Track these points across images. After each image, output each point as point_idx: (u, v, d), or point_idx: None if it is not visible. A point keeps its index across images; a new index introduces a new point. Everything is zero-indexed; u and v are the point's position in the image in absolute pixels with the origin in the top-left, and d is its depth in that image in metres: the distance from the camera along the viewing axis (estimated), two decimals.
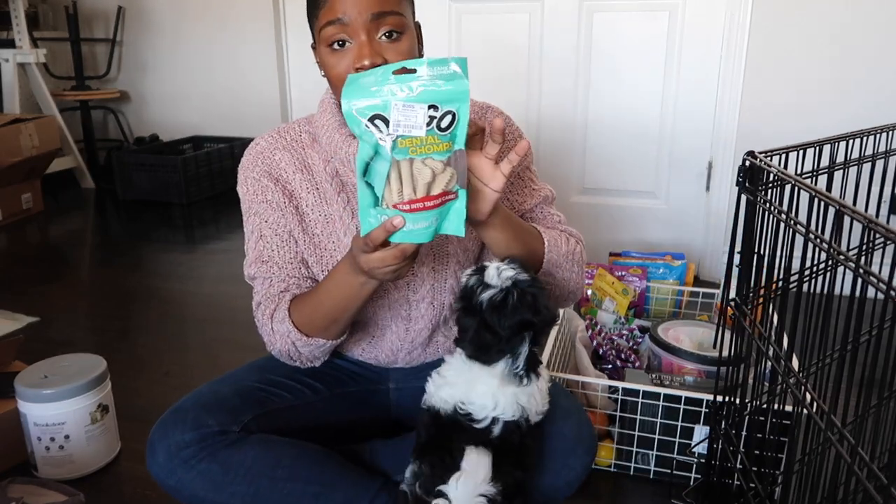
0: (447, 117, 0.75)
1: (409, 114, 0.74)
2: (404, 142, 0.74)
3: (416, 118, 0.74)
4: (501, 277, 0.86)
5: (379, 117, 0.74)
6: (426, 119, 0.74)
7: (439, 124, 0.75)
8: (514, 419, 0.88)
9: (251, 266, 1.06)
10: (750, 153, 0.94)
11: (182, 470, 0.95)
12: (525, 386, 0.88)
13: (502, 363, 0.87)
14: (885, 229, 0.63)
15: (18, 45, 3.34)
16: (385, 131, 0.74)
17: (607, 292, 1.73)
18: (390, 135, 0.74)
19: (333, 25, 0.91)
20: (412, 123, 0.74)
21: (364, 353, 1.15)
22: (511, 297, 0.85)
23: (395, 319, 1.10)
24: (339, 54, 0.93)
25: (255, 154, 1.06)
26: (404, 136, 0.74)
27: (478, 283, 0.87)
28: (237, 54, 3.40)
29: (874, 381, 0.78)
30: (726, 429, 1.07)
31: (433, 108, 0.74)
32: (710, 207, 2.35)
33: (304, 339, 1.00)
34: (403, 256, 0.82)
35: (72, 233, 3.05)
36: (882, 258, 0.89)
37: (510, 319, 0.85)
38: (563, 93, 2.41)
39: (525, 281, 0.87)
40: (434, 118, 0.74)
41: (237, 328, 1.99)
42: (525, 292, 0.86)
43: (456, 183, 0.78)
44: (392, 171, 0.75)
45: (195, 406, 0.99)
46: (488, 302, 0.86)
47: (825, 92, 2.13)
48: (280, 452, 0.99)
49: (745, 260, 0.98)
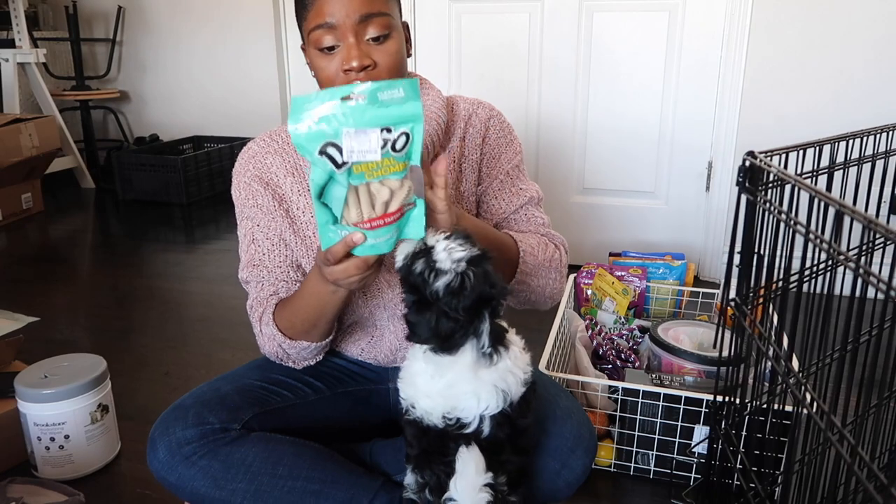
0: (402, 138, 0.74)
1: (362, 139, 0.72)
2: (360, 167, 0.73)
3: (370, 143, 0.72)
4: (453, 259, 0.80)
5: (331, 145, 0.72)
6: (380, 143, 0.72)
7: (394, 146, 0.74)
8: (500, 409, 0.84)
9: (244, 270, 1.08)
10: (750, 153, 0.94)
11: (183, 467, 0.95)
12: (497, 364, 0.83)
13: (468, 347, 0.82)
14: (885, 229, 0.63)
15: (18, 45, 3.34)
16: (339, 159, 0.72)
17: (607, 292, 1.73)
18: (345, 163, 0.73)
19: (322, 29, 0.93)
20: (366, 149, 0.72)
21: (364, 354, 1.15)
22: (467, 278, 0.79)
23: (393, 319, 1.10)
24: (329, 57, 0.94)
25: (247, 158, 1.07)
26: (359, 162, 0.73)
27: (428, 269, 0.80)
28: (237, 54, 3.40)
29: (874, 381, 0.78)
30: (726, 429, 1.07)
31: (386, 131, 0.73)
32: (710, 207, 2.35)
33: (288, 341, 1.01)
34: (366, 266, 0.82)
35: (72, 233, 3.05)
36: (882, 258, 0.89)
37: (468, 300, 0.79)
38: (563, 93, 2.41)
39: (476, 257, 0.81)
40: (388, 140, 0.73)
41: (237, 328, 1.99)
42: (479, 269, 0.80)
43: (411, 194, 0.78)
44: (350, 194, 0.75)
45: (196, 403, 1.00)
46: (445, 289, 0.79)
47: (825, 92, 2.13)
48: (281, 450, 0.99)
49: (745, 260, 0.98)
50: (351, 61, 0.92)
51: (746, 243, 0.96)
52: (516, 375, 0.86)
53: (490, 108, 1.14)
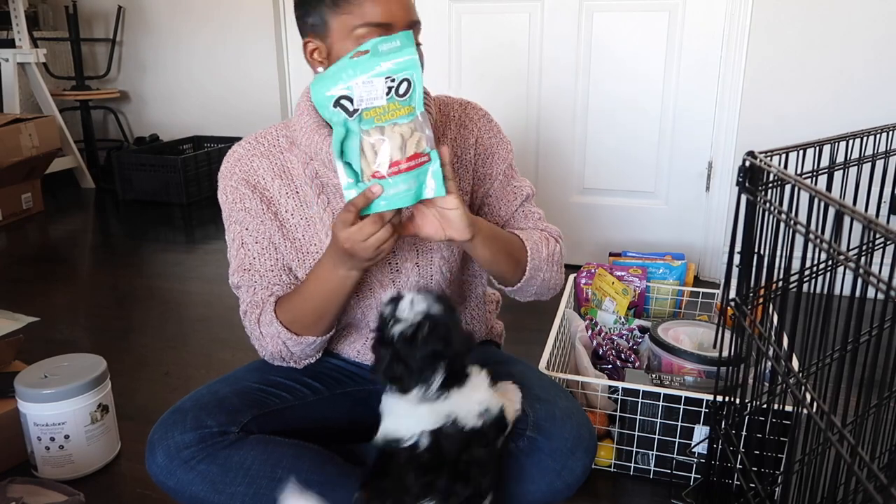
0: (403, 84, 0.82)
1: (369, 88, 0.81)
2: (369, 113, 0.82)
3: (376, 90, 0.81)
4: (413, 310, 0.86)
5: (344, 97, 0.81)
6: (385, 89, 0.82)
7: (398, 91, 0.82)
8: (440, 427, 0.87)
9: (235, 275, 1.08)
10: (750, 153, 0.94)
11: (182, 471, 0.95)
12: (445, 399, 0.87)
13: (416, 391, 0.87)
14: (885, 229, 0.63)
15: (18, 45, 3.34)
16: (350, 107, 0.82)
17: (607, 292, 1.73)
18: (356, 110, 0.82)
19: (376, 27, 0.91)
20: (373, 96, 0.82)
21: (360, 356, 1.16)
22: (421, 330, 0.85)
23: None
24: None
25: (233, 161, 1.06)
26: (368, 108, 0.82)
27: (391, 315, 0.87)
28: (237, 54, 3.40)
29: (874, 381, 0.78)
30: (726, 429, 1.07)
31: (389, 80, 0.82)
32: (710, 207, 2.35)
33: (294, 337, 1.02)
34: (382, 222, 0.85)
35: (72, 233, 3.05)
36: (882, 258, 0.89)
37: (421, 351, 0.85)
38: (562, 93, 2.41)
39: (437, 315, 0.87)
40: (392, 87, 0.82)
41: (237, 328, 1.98)
42: (437, 325, 0.86)
43: (426, 145, 0.84)
44: (364, 142, 0.82)
45: (194, 407, 0.99)
46: (399, 335, 0.86)
47: (825, 92, 2.13)
48: (280, 453, 0.99)
49: (745, 260, 0.98)
50: None
51: (746, 243, 0.96)
52: (469, 404, 0.89)
53: (478, 108, 1.14)
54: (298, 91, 3.12)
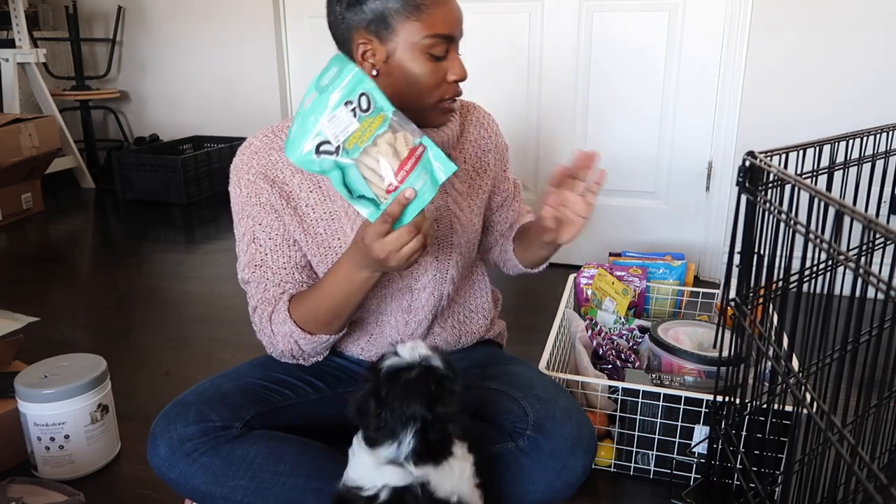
0: (363, 99, 0.84)
1: (337, 122, 0.84)
2: (350, 141, 0.84)
3: (344, 119, 0.83)
4: (414, 353, 0.83)
5: (321, 144, 0.84)
6: (350, 114, 0.83)
7: (361, 108, 0.84)
8: (406, 485, 0.80)
9: (244, 270, 1.06)
10: (750, 153, 0.94)
11: (184, 463, 0.95)
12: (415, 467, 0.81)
13: (384, 448, 0.81)
14: (885, 229, 0.63)
15: (18, 45, 3.34)
16: (331, 147, 0.84)
17: (607, 292, 1.73)
18: (338, 146, 0.84)
19: (444, 39, 0.96)
20: (344, 126, 0.83)
21: (363, 353, 1.16)
22: (409, 373, 0.80)
23: (396, 312, 1.11)
24: (436, 65, 0.97)
25: (250, 154, 1.05)
26: (347, 138, 0.83)
27: (391, 352, 0.85)
28: (237, 54, 3.40)
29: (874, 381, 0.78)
30: (726, 429, 1.07)
31: (349, 104, 0.83)
32: (710, 207, 2.35)
33: (307, 336, 1.01)
34: (417, 231, 0.85)
35: (72, 233, 3.05)
36: (882, 258, 0.89)
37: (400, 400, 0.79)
38: (562, 92, 2.41)
39: (437, 370, 0.82)
40: (354, 108, 0.84)
41: (237, 328, 1.99)
42: (430, 377, 0.81)
43: (414, 137, 0.85)
44: (361, 169, 0.84)
45: (198, 400, 1.00)
46: (387, 370, 0.82)
47: (825, 92, 2.13)
48: (283, 448, 0.99)
49: (745, 260, 0.98)
50: (463, 74, 0.99)
51: (746, 243, 0.96)
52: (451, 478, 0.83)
53: (485, 110, 1.19)
54: (298, 91, 3.13)
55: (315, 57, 3.05)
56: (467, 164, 1.13)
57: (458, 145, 1.12)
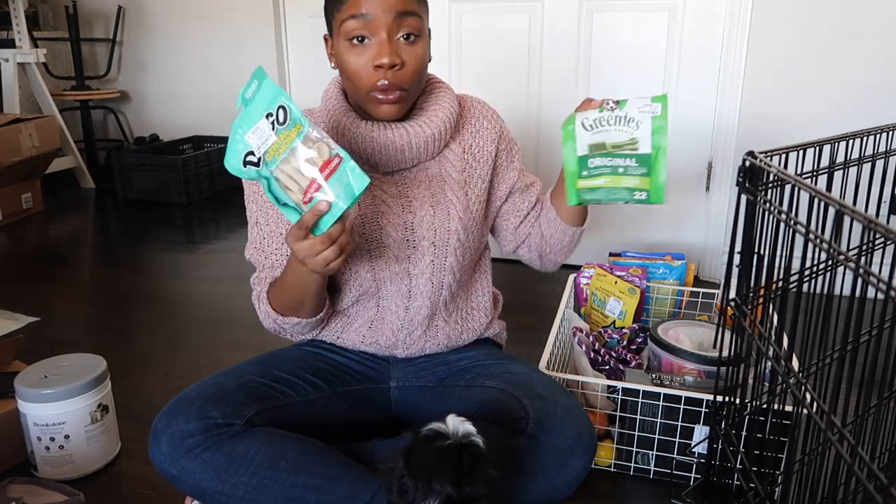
0: (280, 112, 0.87)
1: (259, 134, 0.88)
2: (269, 154, 0.87)
3: (265, 132, 0.88)
4: (456, 424, 0.79)
5: (248, 154, 0.89)
6: (270, 127, 0.87)
7: (279, 121, 0.87)
8: None
9: (248, 249, 1.14)
10: (750, 153, 0.94)
11: (185, 459, 0.96)
12: None
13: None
14: (885, 229, 0.63)
15: (18, 45, 3.34)
16: (254, 159, 0.89)
17: (611, 292, 1.72)
18: (259, 158, 0.88)
19: (356, 20, 0.94)
20: (264, 138, 0.88)
21: (365, 341, 1.16)
22: (443, 442, 0.76)
23: (395, 297, 1.12)
24: (359, 49, 0.97)
25: None
26: (266, 150, 0.88)
27: (440, 421, 0.81)
28: (237, 54, 3.40)
29: (874, 381, 0.78)
30: (726, 429, 1.07)
31: (269, 116, 0.87)
32: (710, 207, 2.35)
33: (281, 318, 1.07)
34: (330, 241, 0.88)
35: (72, 233, 3.05)
36: (882, 258, 0.89)
37: (428, 469, 0.74)
38: (562, 92, 2.41)
39: (476, 446, 0.77)
40: (273, 121, 0.87)
41: (237, 328, 1.99)
42: (465, 453, 0.76)
43: (330, 148, 0.86)
44: (282, 179, 0.87)
45: (200, 397, 1.00)
46: (425, 433, 0.78)
47: (825, 92, 2.13)
48: (284, 445, 1.00)
49: (745, 260, 0.98)
50: (382, 58, 0.95)
51: (746, 243, 0.96)
52: None
53: (483, 104, 1.20)
54: (298, 91, 3.13)
55: (315, 57, 3.05)
56: (466, 153, 1.14)
57: (458, 135, 1.14)
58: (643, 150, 0.96)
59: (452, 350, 1.20)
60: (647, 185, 0.97)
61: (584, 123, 1.00)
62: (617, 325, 1.68)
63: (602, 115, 0.99)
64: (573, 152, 1.00)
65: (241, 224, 3.21)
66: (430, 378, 1.18)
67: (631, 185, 0.98)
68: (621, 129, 0.98)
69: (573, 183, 1.00)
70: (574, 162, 1.00)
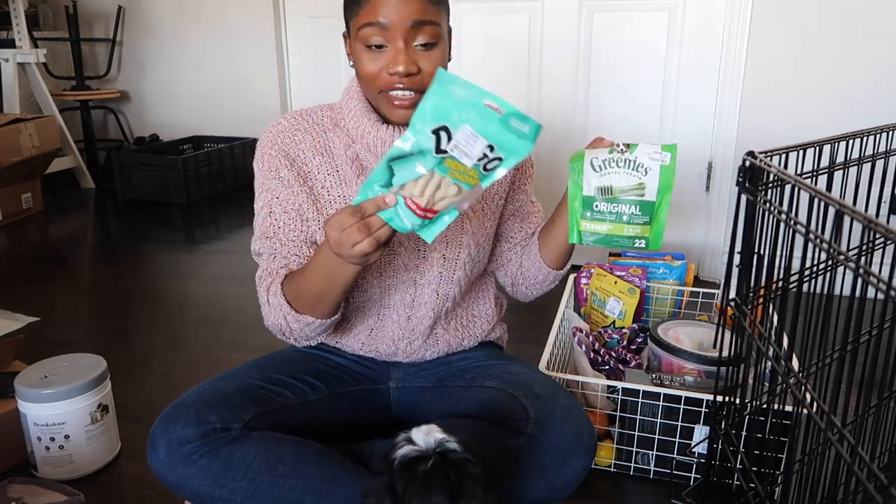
0: (494, 162, 0.79)
1: (470, 142, 0.77)
2: (451, 162, 0.78)
3: (474, 150, 0.77)
4: (428, 438, 0.75)
5: (445, 129, 0.77)
6: (480, 154, 0.78)
7: (486, 165, 0.79)
8: None
9: (257, 242, 1.09)
10: (750, 153, 0.94)
11: (183, 465, 0.95)
12: None
13: None
14: (885, 229, 0.63)
15: (18, 45, 3.34)
16: (444, 145, 0.77)
17: (610, 292, 1.72)
18: (446, 151, 0.77)
19: (373, 27, 0.94)
20: (467, 152, 0.78)
21: (364, 347, 1.16)
22: (425, 465, 0.72)
23: (399, 306, 1.11)
24: (374, 55, 0.97)
25: (276, 132, 1.08)
26: (455, 159, 0.78)
27: (404, 439, 0.76)
28: (237, 54, 3.40)
29: (874, 381, 0.78)
30: (726, 429, 1.07)
31: (489, 148, 0.77)
32: (710, 207, 2.35)
33: (293, 314, 1.01)
34: (368, 232, 0.81)
35: (72, 233, 3.05)
36: (882, 258, 0.89)
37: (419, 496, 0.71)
38: (562, 92, 2.41)
39: (454, 452, 0.73)
40: (486, 157, 0.78)
41: (237, 328, 1.99)
42: (448, 464, 0.72)
43: (457, 209, 0.82)
44: (424, 177, 0.79)
45: (197, 402, 1.00)
46: (401, 460, 0.73)
47: (825, 92, 2.13)
48: (282, 449, 0.99)
49: (745, 260, 0.98)
50: (398, 66, 0.95)
51: (746, 243, 0.96)
52: None
53: None
54: (298, 91, 3.13)
55: (315, 57, 3.06)
56: None
57: None
58: (648, 197, 0.97)
59: (452, 353, 1.20)
60: (647, 234, 0.99)
61: (593, 164, 0.99)
62: (617, 325, 1.68)
63: (612, 157, 0.98)
64: (579, 190, 1.00)
65: (241, 224, 3.22)
66: (429, 378, 1.18)
67: (632, 234, 0.99)
68: (630, 174, 0.98)
69: (576, 222, 1.01)
70: (580, 201, 1.00)
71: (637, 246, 1.00)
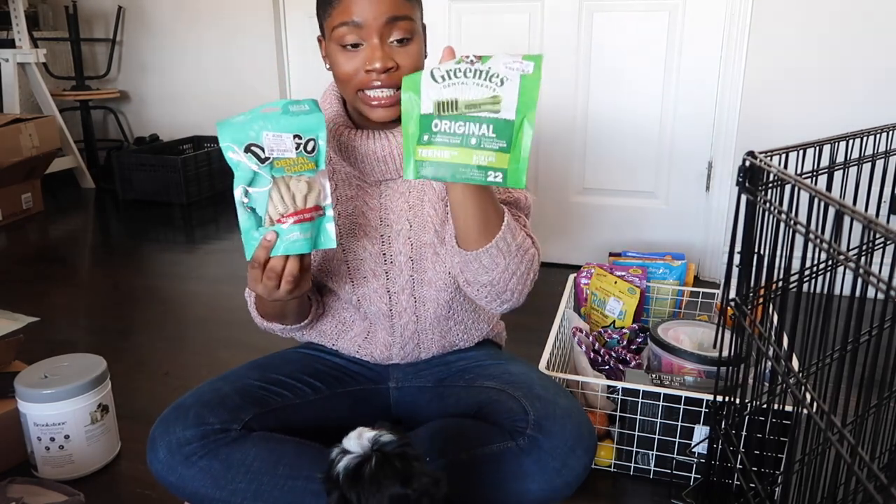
0: (310, 143, 0.87)
1: (278, 141, 0.85)
2: (280, 162, 0.85)
3: (286, 144, 0.85)
4: (362, 440, 0.74)
5: (254, 145, 0.84)
6: (294, 145, 0.85)
7: (306, 148, 0.86)
8: None
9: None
10: (750, 153, 0.94)
11: (183, 467, 0.95)
12: None
13: None
14: (885, 229, 0.63)
15: (18, 45, 3.34)
16: (262, 154, 0.84)
17: (611, 292, 1.72)
18: (267, 158, 0.84)
19: (347, 26, 0.94)
20: (283, 148, 0.85)
21: (360, 350, 1.16)
22: (368, 465, 0.71)
23: (379, 316, 1.11)
24: (350, 54, 0.96)
25: None
26: (280, 158, 0.85)
27: (339, 451, 0.75)
28: (237, 54, 3.40)
29: (874, 381, 0.78)
30: (726, 429, 1.07)
31: (297, 138, 0.86)
32: (710, 207, 2.35)
33: (266, 324, 1.08)
34: (277, 276, 0.87)
35: (72, 233, 3.05)
36: (882, 258, 0.89)
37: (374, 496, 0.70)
38: (562, 93, 2.41)
39: (391, 443, 0.73)
40: (300, 144, 0.86)
41: (237, 328, 1.99)
42: (390, 457, 0.72)
43: (323, 200, 0.88)
44: (273, 189, 0.85)
45: (196, 403, 1.00)
46: (344, 472, 0.72)
47: (825, 92, 2.13)
48: (282, 450, 0.99)
49: (745, 260, 0.98)
50: (374, 62, 0.94)
51: (746, 243, 0.96)
52: None
53: None
54: (298, 91, 3.13)
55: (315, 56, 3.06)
56: None
57: None
58: (505, 114, 0.78)
59: (451, 352, 1.20)
60: (506, 164, 0.79)
61: (433, 74, 0.79)
62: (617, 325, 1.68)
63: (458, 67, 0.79)
64: (415, 108, 0.80)
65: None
66: (429, 378, 1.18)
67: (484, 163, 0.79)
68: (481, 84, 0.78)
69: (411, 150, 0.81)
70: (414, 122, 0.80)
71: (492, 180, 0.79)
